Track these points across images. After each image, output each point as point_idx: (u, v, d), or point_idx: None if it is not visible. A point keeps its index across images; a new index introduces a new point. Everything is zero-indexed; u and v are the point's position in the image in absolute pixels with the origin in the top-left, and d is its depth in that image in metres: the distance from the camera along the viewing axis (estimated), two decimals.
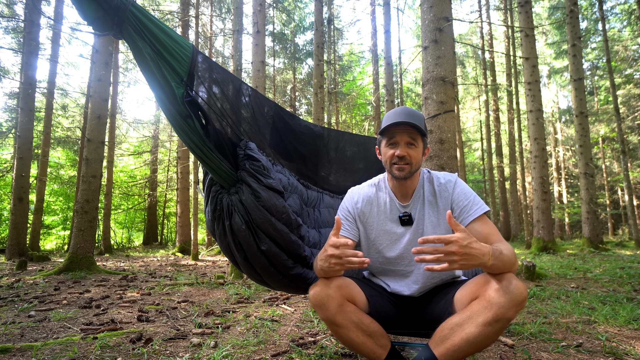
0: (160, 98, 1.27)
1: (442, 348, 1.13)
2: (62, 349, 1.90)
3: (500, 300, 1.06)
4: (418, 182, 1.45)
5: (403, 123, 1.31)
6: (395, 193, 1.46)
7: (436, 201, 1.41)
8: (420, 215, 1.42)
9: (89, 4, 1.06)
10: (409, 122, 1.31)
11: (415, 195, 1.44)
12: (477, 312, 1.10)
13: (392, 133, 1.36)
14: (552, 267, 5.49)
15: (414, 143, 1.35)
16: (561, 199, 22.35)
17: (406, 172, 1.35)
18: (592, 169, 8.78)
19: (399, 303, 1.46)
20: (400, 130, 1.34)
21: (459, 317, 1.15)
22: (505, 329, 1.15)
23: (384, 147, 1.41)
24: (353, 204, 1.50)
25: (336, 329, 1.27)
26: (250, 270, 1.58)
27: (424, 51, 3.67)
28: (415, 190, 1.44)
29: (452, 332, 1.13)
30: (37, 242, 9.43)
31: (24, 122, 8.00)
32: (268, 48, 16.07)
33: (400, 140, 1.35)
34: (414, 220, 1.41)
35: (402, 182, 1.41)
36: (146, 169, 17.89)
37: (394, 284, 1.47)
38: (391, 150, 1.37)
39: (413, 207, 1.43)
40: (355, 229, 1.49)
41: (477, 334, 1.08)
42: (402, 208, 1.44)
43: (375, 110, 13.07)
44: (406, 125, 1.32)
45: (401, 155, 1.34)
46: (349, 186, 2.34)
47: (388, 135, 1.38)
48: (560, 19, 15.46)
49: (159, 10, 13.01)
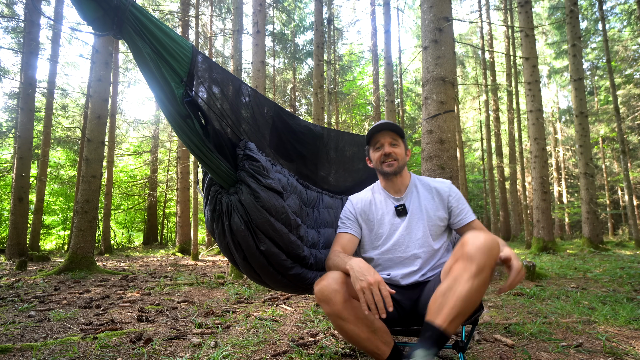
0: (160, 98, 1.27)
1: (441, 316, 1.14)
2: (62, 349, 1.90)
3: (477, 253, 1.15)
4: (410, 180, 1.64)
5: (383, 128, 1.56)
6: (388, 190, 1.64)
7: (432, 197, 1.60)
8: (415, 205, 1.58)
9: (88, 4, 1.06)
10: (387, 126, 1.56)
11: (409, 189, 1.62)
12: (461, 271, 1.16)
13: (376, 139, 1.60)
14: (552, 267, 5.49)
15: (396, 143, 1.58)
16: (561, 199, 22.35)
17: (395, 167, 1.56)
18: (592, 169, 8.78)
19: (398, 298, 1.49)
20: (383, 134, 1.58)
21: (446, 283, 1.19)
22: (491, 278, 1.22)
23: (372, 153, 1.63)
24: (353, 206, 1.67)
25: (342, 323, 1.29)
26: (250, 270, 1.58)
27: (424, 51, 3.67)
28: (408, 186, 1.63)
29: (445, 298, 1.15)
30: (37, 242, 9.43)
31: (24, 122, 8.00)
32: (268, 48, 16.07)
33: (384, 141, 1.58)
34: (409, 210, 1.58)
35: (393, 179, 1.60)
36: (146, 169, 17.89)
37: (394, 271, 1.56)
38: (378, 152, 1.59)
39: (407, 199, 1.60)
40: (357, 227, 1.63)
41: (468, 289, 1.13)
42: (396, 201, 1.61)
43: (375, 110, 13.07)
44: (386, 129, 1.57)
45: (387, 152, 1.56)
46: (348, 186, 2.34)
47: (373, 142, 1.61)
48: (560, 19, 15.46)
49: (159, 10, 13.01)
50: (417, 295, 1.49)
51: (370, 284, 1.20)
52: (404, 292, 1.51)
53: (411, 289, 1.51)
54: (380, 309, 1.17)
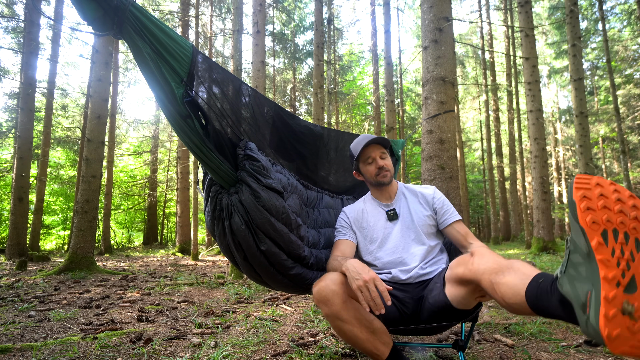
0: (160, 98, 1.26)
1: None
2: (62, 349, 1.90)
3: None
4: (397, 188, 1.74)
5: (371, 142, 1.63)
6: (379, 199, 1.73)
7: (418, 200, 1.70)
8: (405, 209, 1.67)
9: (88, 4, 1.06)
10: (374, 140, 1.62)
11: (397, 196, 1.71)
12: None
13: (366, 154, 1.65)
14: (552, 267, 5.49)
15: (384, 155, 1.67)
16: (561, 199, 22.35)
17: (389, 178, 1.65)
18: (592, 169, 8.78)
19: (399, 296, 1.49)
20: (372, 148, 1.65)
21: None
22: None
23: (363, 167, 1.69)
24: (347, 215, 1.75)
25: (340, 324, 1.29)
26: (250, 270, 1.58)
27: (424, 51, 3.67)
28: (396, 193, 1.72)
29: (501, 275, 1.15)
30: (37, 242, 9.43)
31: (24, 122, 8.00)
32: (268, 48, 16.07)
33: (374, 155, 1.64)
34: (399, 214, 1.66)
35: (384, 189, 1.69)
36: (146, 169, 17.89)
37: (394, 270, 1.58)
38: (371, 166, 1.66)
39: (397, 204, 1.69)
40: (353, 234, 1.69)
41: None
42: (386, 207, 1.69)
43: (375, 110, 13.07)
44: (374, 143, 1.64)
45: (381, 165, 1.63)
46: (348, 186, 2.34)
47: (364, 157, 1.66)
48: (560, 19, 15.46)
49: (159, 10, 13.01)
50: (419, 294, 1.49)
51: (365, 281, 1.21)
52: (406, 289, 1.52)
53: (414, 286, 1.52)
54: (378, 305, 1.18)
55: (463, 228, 1.59)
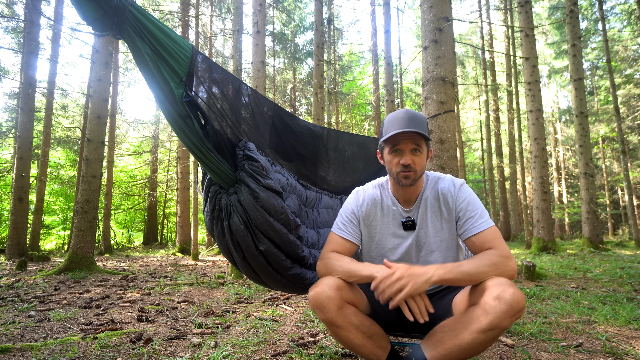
0: (159, 98, 1.27)
1: (435, 352, 1.14)
2: (62, 349, 1.90)
3: (497, 309, 1.04)
4: (422, 189, 1.43)
5: (407, 132, 1.29)
6: (398, 199, 1.45)
7: (439, 206, 1.40)
8: (423, 219, 1.41)
9: (88, 4, 1.06)
10: (413, 130, 1.28)
11: (419, 200, 1.43)
12: (472, 319, 1.10)
13: (396, 140, 1.32)
14: (552, 267, 5.49)
15: (418, 149, 1.32)
16: (561, 199, 22.35)
17: (411, 180, 1.33)
18: (592, 169, 8.78)
19: None
20: (405, 138, 1.31)
21: (454, 321, 1.16)
22: (499, 336, 1.18)
23: (387, 154, 1.38)
24: (358, 206, 1.48)
25: (336, 330, 1.27)
26: (249, 270, 1.58)
27: (424, 51, 3.67)
28: (419, 195, 1.43)
29: (446, 337, 1.15)
30: (37, 242, 9.43)
31: (24, 122, 8.00)
32: (268, 48, 16.07)
33: (404, 147, 1.32)
34: (417, 225, 1.42)
35: (406, 189, 1.39)
36: (146, 169, 17.89)
37: None
38: (396, 158, 1.34)
39: (416, 212, 1.42)
40: (358, 232, 1.47)
41: (470, 341, 1.09)
42: (405, 213, 1.43)
43: (375, 110, 13.07)
44: (410, 133, 1.29)
45: (406, 163, 1.31)
46: (348, 186, 2.33)
47: (391, 143, 1.34)
48: (560, 19, 15.46)
49: (159, 10, 13.00)
50: None
51: (409, 293, 1.16)
52: None
53: None
54: (423, 313, 1.15)
55: (488, 241, 1.26)
